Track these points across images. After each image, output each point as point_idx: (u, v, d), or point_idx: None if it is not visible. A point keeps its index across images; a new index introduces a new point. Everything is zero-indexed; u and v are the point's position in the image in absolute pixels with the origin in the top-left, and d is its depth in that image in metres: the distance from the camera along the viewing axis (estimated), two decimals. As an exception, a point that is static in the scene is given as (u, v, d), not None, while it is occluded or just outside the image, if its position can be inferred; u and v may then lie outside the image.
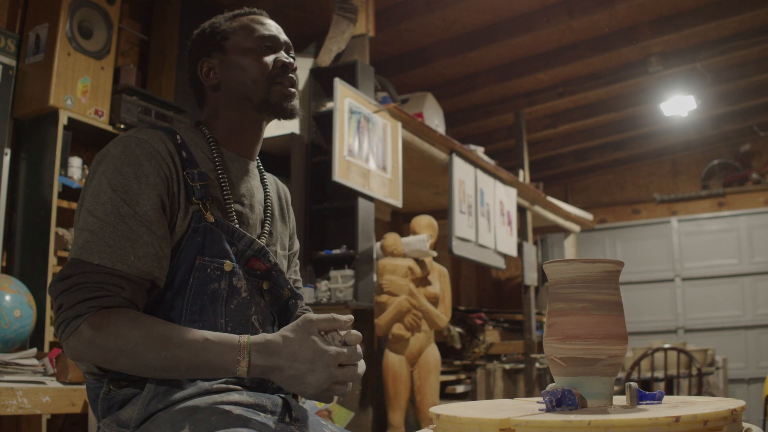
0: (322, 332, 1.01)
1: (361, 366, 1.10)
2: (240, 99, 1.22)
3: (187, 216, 1.10)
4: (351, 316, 1.04)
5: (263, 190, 1.29)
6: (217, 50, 1.24)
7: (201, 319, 1.10)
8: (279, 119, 1.26)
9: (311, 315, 1.03)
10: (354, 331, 1.04)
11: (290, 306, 1.26)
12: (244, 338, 1.01)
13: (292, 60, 1.26)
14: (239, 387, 1.11)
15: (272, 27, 1.28)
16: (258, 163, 1.31)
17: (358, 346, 1.04)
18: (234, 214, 1.16)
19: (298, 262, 1.41)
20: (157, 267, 1.05)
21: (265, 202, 1.27)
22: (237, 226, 1.15)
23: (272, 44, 1.25)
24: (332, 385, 1.00)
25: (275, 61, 1.23)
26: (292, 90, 1.24)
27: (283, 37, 1.28)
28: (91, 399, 1.12)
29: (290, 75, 1.24)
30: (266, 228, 1.24)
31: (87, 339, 0.98)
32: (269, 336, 1.01)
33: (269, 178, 1.35)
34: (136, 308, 1.03)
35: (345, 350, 1.01)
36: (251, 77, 1.21)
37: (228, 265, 1.12)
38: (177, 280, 1.09)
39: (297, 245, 1.41)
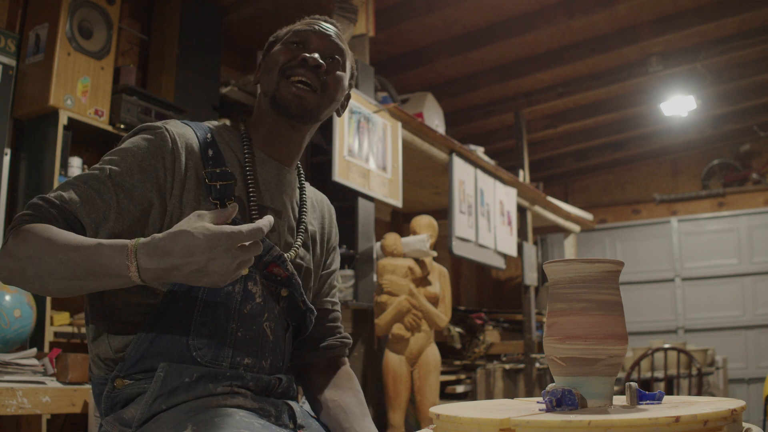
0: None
1: (264, 222, 0.95)
2: (263, 96, 1.20)
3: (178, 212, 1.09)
4: (235, 205, 0.97)
5: (300, 199, 1.25)
6: (267, 50, 1.24)
7: (212, 321, 1.09)
8: (295, 122, 1.18)
9: (200, 211, 0.97)
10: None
11: (307, 321, 1.23)
12: (133, 241, 0.94)
13: (316, 59, 1.15)
14: (244, 390, 1.10)
15: (315, 25, 1.21)
16: (300, 172, 1.27)
17: (259, 222, 0.94)
18: (257, 215, 1.13)
19: (336, 285, 1.35)
20: (92, 229, 1.03)
21: (300, 213, 1.24)
22: None
23: (303, 41, 1.19)
24: (240, 265, 0.93)
25: (296, 57, 1.16)
26: (303, 92, 1.15)
27: (327, 36, 1.20)
28: (95, 395, 1.12)
29: (308, 71, 1.15)
30: (299, 239, 1.22)
31: (7, 249, 0.99)
32: (159, 234, 0.93)
33: (316, 194, 1.33)
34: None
35: (241, 227, 0.91)
36: (268, 71, 1.19)
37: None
38: None
39: (337, 263, 1.36)
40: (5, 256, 0.99)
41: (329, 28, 1.22)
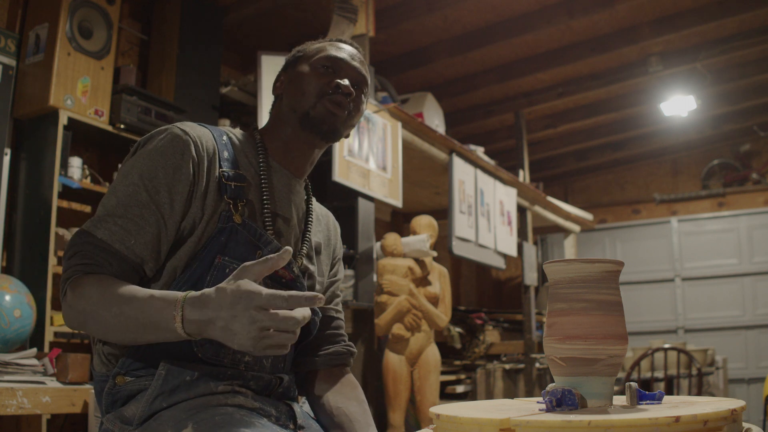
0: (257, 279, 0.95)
1: (301, 313, 0.94)
2: (290, 111, 1.23)
3: (215, 214, 1.11)
4: (288, 249, 0.96)
5: (306, 211, 1.29)
6: (291, 65, 1.27)
7: None
8: (320, 139, 1.23)
9: (247, 262, 0.96)
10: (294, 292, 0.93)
11: (311, 324, 1.24)
12: (183, 293, 0.97)
13: (349, 87, 1.22)
14: (244, 390, 1.11)
15: (344, 52, 1.26)
16: (307, 184, 1.31)
17: (297, 295, 0.92)
18: (269, 219, 1.17)
19: (340, 294, 1.37)
20: (154, 258, 1.08)
21: (306, 224, 1.27)
22: (269, 230, 1.16)
23: (334, 66, 1.23)
24: (261, 333, 0.90)
25: (331, 81, 1.22)
26: (340, 110, 1.21)
27: (355, 66, 1.26)
28: (96, 392, 1.13)
29: (342, 97, 1.21)
30: (304, 248, 1.24)
31: (68, 301, 1.03)
32: (206, 290, 0.95)
33: (321, 209, 1.37)
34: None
35: (269, 290, 0.91)
36: (301, 90, 1.22)
37: None
38: (194, 276, 1.09)
39: (341, 274, 1.39)
40: (68, 308, 1.04)
41: (356, 54, 1.29)
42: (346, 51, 1.27)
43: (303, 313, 0.94)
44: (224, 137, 1.19)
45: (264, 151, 1.22)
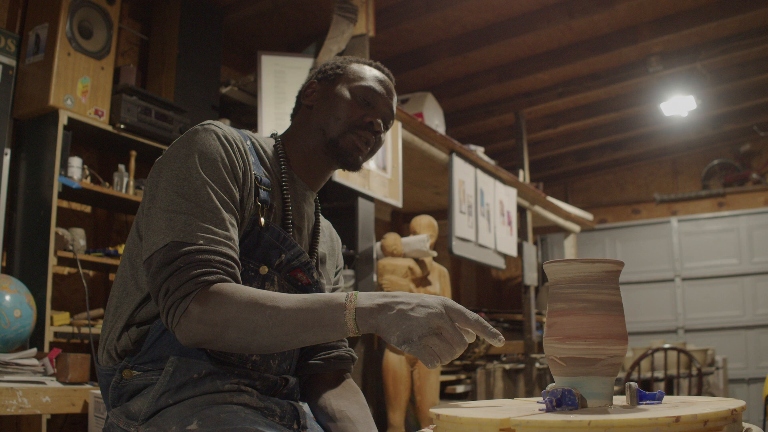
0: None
1: (470, 339, 0.98)
2: (318, 128, 1.23)
3: (248, 215, 1.12)
4: (501, 337, 0.97)
5: (315, 222, 1.31)
6: (328, 79, 1.27)
7: None
8: (340, 166, 1.25)
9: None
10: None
11: None
12: (352, 292, 1.00)
13: (380, 125, 1.24)
14: (250, 389, 1.11)
15: (384, 88, 1.27)
16: (317, 197, 1.33)
17: (483, 323, 0.95)
18: (291, 224, 1.19)
19: None
20: (236, 253, 1.05)
21: (314, 233, 1.30)
22: (291, 235, 1.18)
23: (372, 101, 1.24)
24: (434, 331, 0.93)
25: (366, 116, 1.23)
26: (365, 147, 1.24)
27: (390, 104, 1.28)
28: (102, 387, 1.13)
29: (371, 134, 1.24)
30: (314, 258, 1.26)
31: (196, 316, 0.97)
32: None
33: (326, 221, 1.40)
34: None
35: (472, 314, 0.95)
36: (336, 114, 1.22)
37: (263, 269, 1.13)
38: None
39: (342, 284, 1.42)
40: (196, 323, 0.98)
41: (393, 91, 1.30)
42: (385, 85, 1.28)
43: (470, 339, 0.96)
44: (248, 140, 1.19)
45: (286, 161, 1.23)
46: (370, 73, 1.27)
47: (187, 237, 1.00)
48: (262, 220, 1.13)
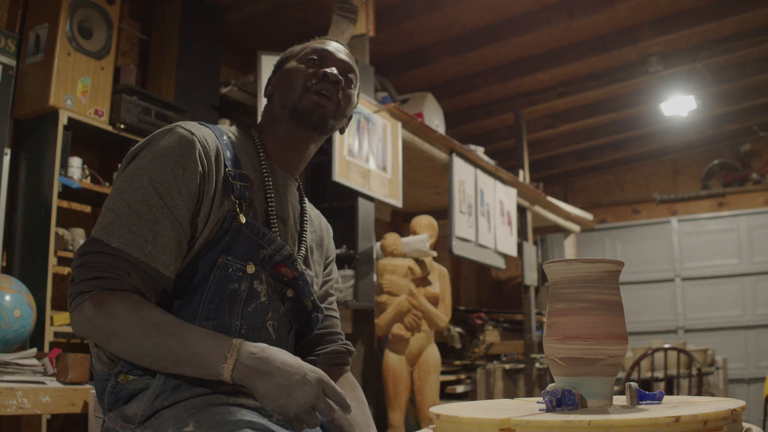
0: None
1: (328, 418, 1.05)
2: (280, 108, 1.23)
3: (220, 214, 1.10)
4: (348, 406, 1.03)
5: (301, 212, 1.29)
6: (279, 66, 1.28)
7: (216, 318, 1.10)
8: (310, 130, 1.22)
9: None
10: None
11: (313, 319, 1.26)
12: (238, 339, 1.02)
13: (336, 75, 1.20)
14: (246, 389, 1.11)
15: (329, 45, 1.26)
16: (299, 184, 1.31)
17: (342, 396, 1.03)
18: (275, 218, 1.17)
19: (335, 294, 1.39)
20: (172, 262, 1.05)
21: (301, 224, 1.28)
22: (273, 230, 1.16)
23: (320, 57, 1.23)
24: (305, 413, 0.98)
25: (317, 72, 1.21)
26: (327, 101, 1.20)
27: (341, 56, 1.25)
28: (98, 391, 1.13)
29: (329, 85, 1.20)
30: (302, 250, 1.25)
31: (87, 316, 1.01)
32: (264, 344, 1.03)
33: (313, 209, 1.38)
34: (142, 296, 1.03)
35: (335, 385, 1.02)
36: (289, 84, 1.22)
37: (251, 267, 1.12)
38: (198, 276, 1.09)
39: (335, 274, 1.40)
40: (86, 323, 1.01)
41: (342, 47, 1.28)
42: (331, 44, 1.27)
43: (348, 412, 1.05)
44: (224, 136, 1.18)
45: (264, 151, 1.22)
46: (314, 41, 1.28)
47: (105, 236, 1.02)
48: (242, 217, 1.11)
